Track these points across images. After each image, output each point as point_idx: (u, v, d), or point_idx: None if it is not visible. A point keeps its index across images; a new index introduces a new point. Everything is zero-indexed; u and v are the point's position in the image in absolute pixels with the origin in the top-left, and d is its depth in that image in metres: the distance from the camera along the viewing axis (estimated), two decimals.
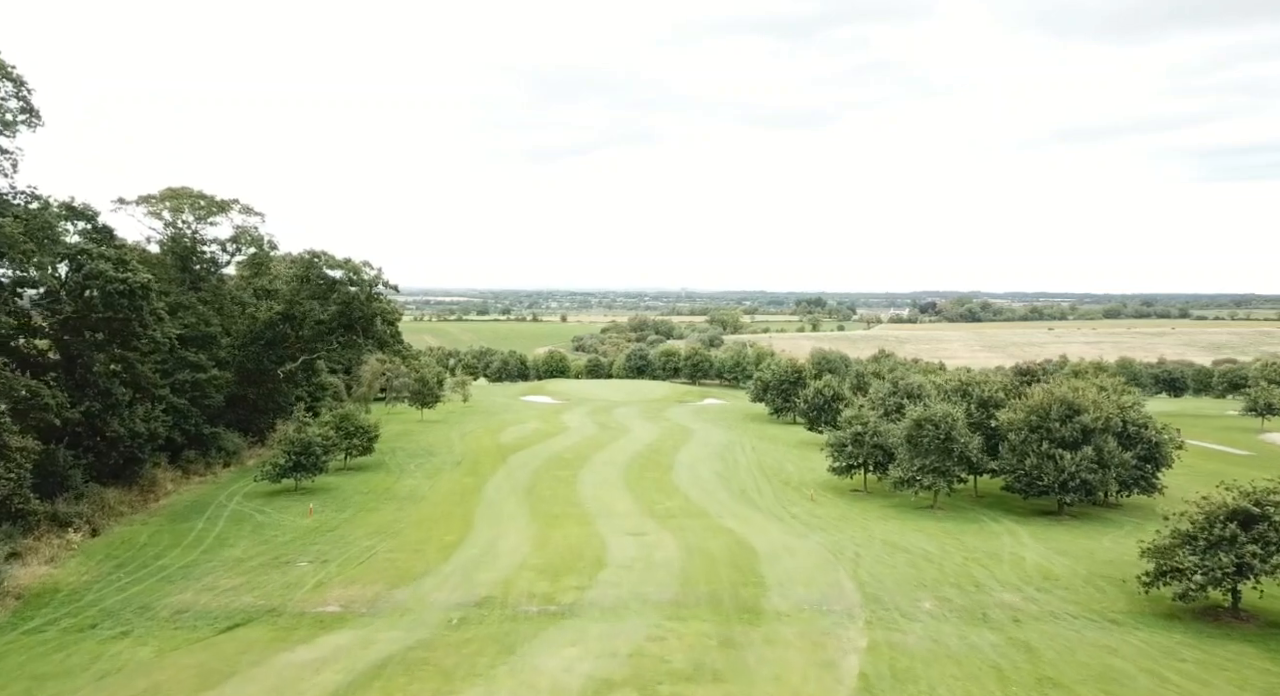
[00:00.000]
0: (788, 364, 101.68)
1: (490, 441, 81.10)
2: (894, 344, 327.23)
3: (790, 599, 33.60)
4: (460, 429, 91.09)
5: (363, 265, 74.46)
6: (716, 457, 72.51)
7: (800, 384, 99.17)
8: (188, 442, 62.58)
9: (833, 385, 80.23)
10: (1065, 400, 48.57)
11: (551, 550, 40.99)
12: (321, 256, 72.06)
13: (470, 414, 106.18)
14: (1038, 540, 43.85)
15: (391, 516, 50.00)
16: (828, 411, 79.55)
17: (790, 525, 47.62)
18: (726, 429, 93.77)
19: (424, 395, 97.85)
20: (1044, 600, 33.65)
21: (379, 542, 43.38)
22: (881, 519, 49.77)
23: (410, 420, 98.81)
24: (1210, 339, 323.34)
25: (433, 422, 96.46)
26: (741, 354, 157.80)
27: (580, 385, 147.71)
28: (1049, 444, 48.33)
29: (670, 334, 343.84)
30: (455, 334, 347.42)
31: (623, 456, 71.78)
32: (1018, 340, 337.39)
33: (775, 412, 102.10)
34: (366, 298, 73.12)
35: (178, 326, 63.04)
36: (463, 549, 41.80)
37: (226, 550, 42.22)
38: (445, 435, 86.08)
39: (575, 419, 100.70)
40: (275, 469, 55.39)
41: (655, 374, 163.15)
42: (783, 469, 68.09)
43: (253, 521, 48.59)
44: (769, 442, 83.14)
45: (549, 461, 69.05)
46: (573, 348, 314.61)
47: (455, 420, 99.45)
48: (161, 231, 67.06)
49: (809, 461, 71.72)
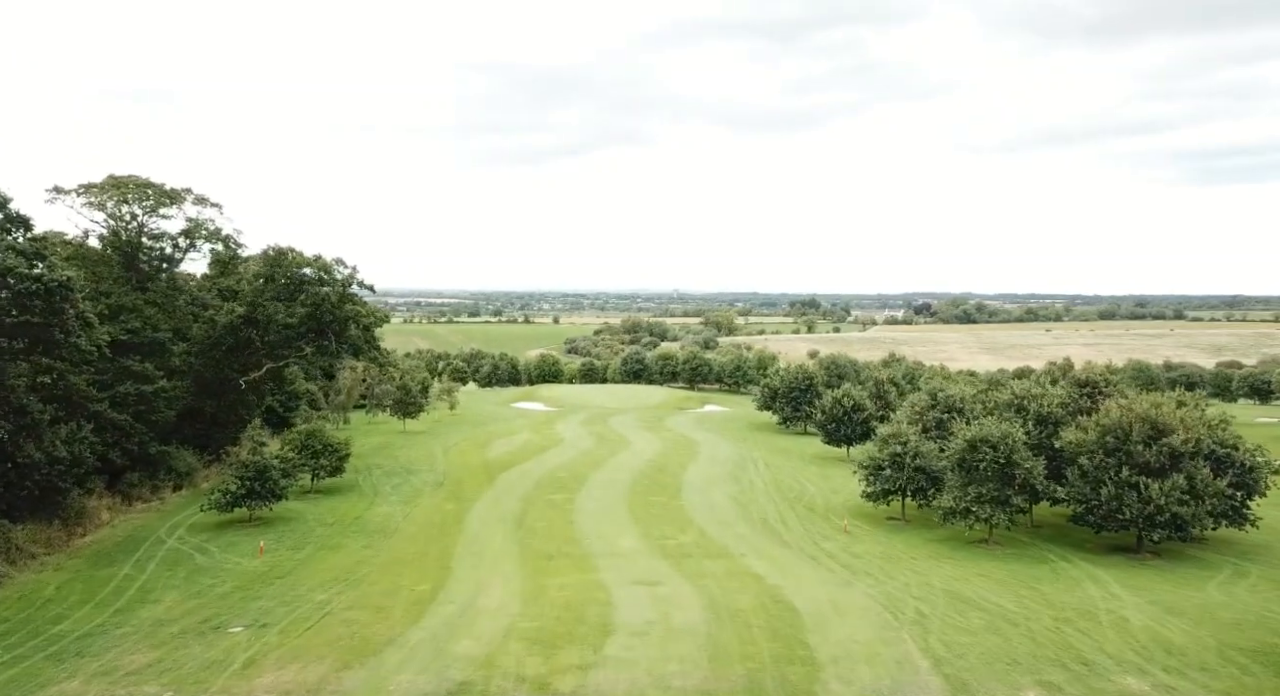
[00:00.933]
0: (797, 370, 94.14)
1: (477, 457, 73.23)
2: (891, 346, 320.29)
3: (853, 685, 25.90)
4: (445, 441, 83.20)
5: (334, 263, 66.52)
6: (728, 477, 64.83)
7: (812, 391, 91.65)
8: (131, 464, 54.62)
9: (852, 395, 72.69)
10: (1148, 418, 41.08)
11: (546, 608, 33.22)
12: (288, 253, 64.06)
13: (457, 424, 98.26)
14: (1131, 590, 36.27)
15: (356, 556, 42.13)
16: (847, 423, 72.01)
17: (828, 567, 39.97)
18: (734, 441, 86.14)
19: (406, 405, 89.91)
20: (1179, 688, 26.06)
21: (336, 595, 35.54)
22: (933, 558, 42.17)
23: (392, 431, 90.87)
24: (1210, 340, 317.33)
25: (415, 434, 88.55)
26: (741, 358, 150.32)
27: (574, 391, 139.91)
28: (1129, 470, 40.83)
29: (664, 336, 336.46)
30: (445, 336, 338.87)
31: (624, 475, 64.02)
32: (1016, 342, 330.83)
33: (784, 422, 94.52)
34: (339, 299, 65.17)
35: (119, 331, 55.08)
36: (437, 605, 34.01)
37: (148, 607, 34.33)
38: (428, 449, 78.16)
39: (570, 429, 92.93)
40: (225, 497, 47.49)
41: (652, 378, 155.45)
42: (804, 491, 60.44)
43: (190, 564, 40.65)
44: (782, 457, 75.52)
45: (542, 482, 61.26)
46: (565, 350, 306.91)
47: (441, 431, 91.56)
48: (103, 224, 59.04)
49: (831, 481, 64.12)
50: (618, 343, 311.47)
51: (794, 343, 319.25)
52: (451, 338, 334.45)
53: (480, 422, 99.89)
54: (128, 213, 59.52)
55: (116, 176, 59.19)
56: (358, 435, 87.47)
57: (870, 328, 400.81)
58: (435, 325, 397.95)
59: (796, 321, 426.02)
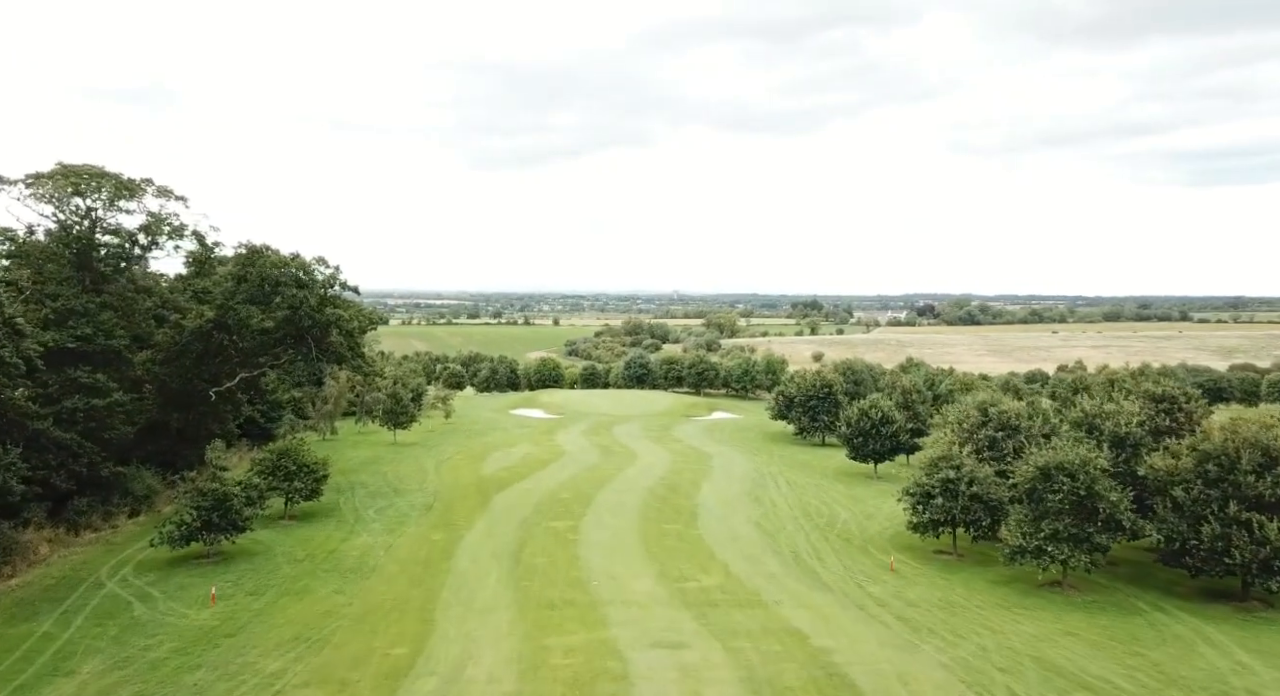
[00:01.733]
0: (814, 377, 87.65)
1: (471, 473, 66.72)
2: (897, 348, 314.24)
3: None
4: (438, 454, 76.73)
5: (315, 262, 60.09)
6: (748, 497, 58.36)
7: (830, 400, 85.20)
8: (78, 488, 48.14)
9: (880, 405, 66.24)
10: (1259, 443, 34.64)
11: (546, 685, 26.77)
12: (263, 252, 57.56)
13: (451, 434, 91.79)
14: (1261, 658, 29.76)
15: (325, 604, 35.64)
16: (875, 437, 65.56)
17: (883, 621, 33.49)
18: (749, 453, 79.69)
19: (397, 415, 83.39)
20: None
21: (295, 661, 29.06)
22: (1003, 607, 35.70)
23: (382, 443, 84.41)
24: (1219, 342, 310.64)
25: (407, 446, 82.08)
26: (750, 362, 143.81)
27: (576, 396, 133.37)
28: (1237, 504, 34.41)
29: (666, 338, 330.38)
30: (444, 338, 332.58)
31: (633, 497, 57.55)
32: (1024, 344, 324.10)
33: (801, 433, 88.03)
34: (319, 302, 58.70)
35: (66, 338, 48.67)
36: (414, 677, 27.53)
37: (59, 681, 27.83)
38: (418, 464, 71.68)
39: (572, 439, 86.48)
40: (178, 530, 40.98)
41: (656, 383, 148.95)
42: (834, 516, 53.97)
43: (126, 617, 34.15)
44: (804, 473, 69.03)
45: (542, 505, 54.80)
46: (565, 352, 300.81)
47: (434, 442, 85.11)
48: (52, 218, 52.52)
49: (862, 503, 57.66)
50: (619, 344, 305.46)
51: (797, 345, 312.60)
52: (450, 340, 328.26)
53: (477, 432, 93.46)
54: (81, 205, 53.00)
55: (68, 165, 52.68)
56: (344, 447, 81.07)
57: (874, 329, 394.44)
58: (434, 327, 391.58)
59: (799, 323, 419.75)
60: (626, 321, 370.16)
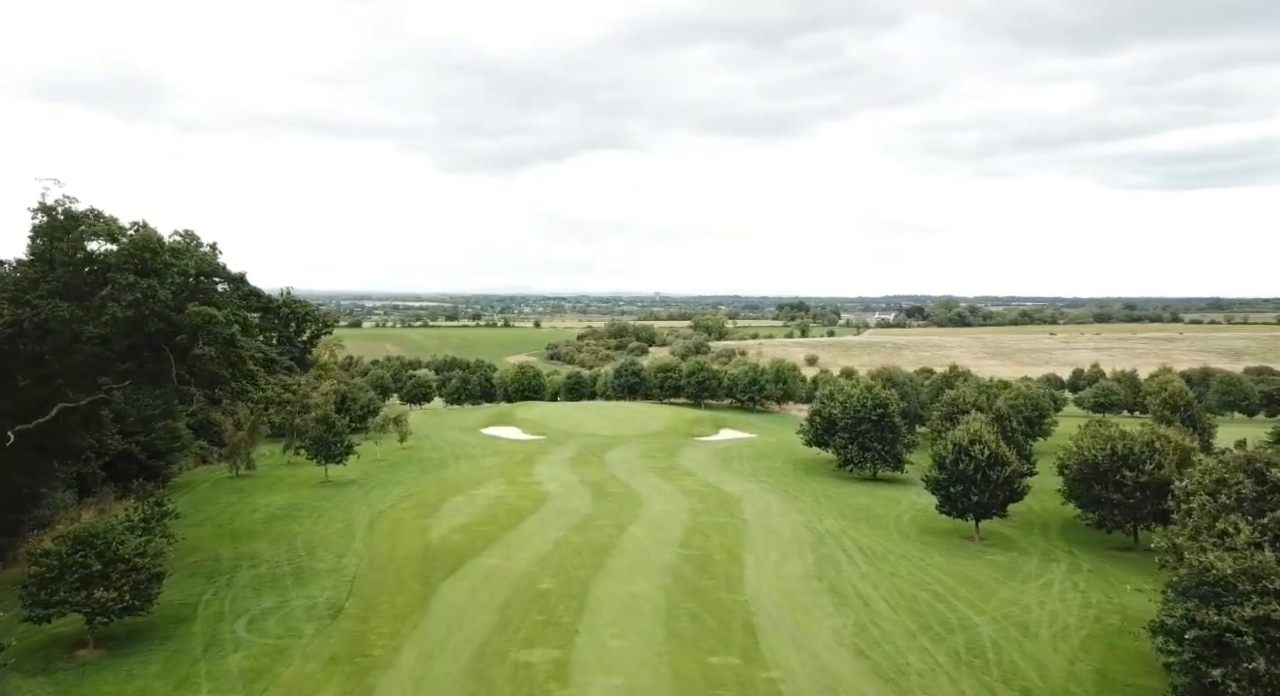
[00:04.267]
0: (863, 393, 68.05)
1: (414, 537, 46.51)
2: (892, 350, 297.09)
3: None
4: (377, 500, 56.55)
5: (172, 239, 39.86)
6: (819, 584, 38.54)
7: (886, 423, 65.73)
8: None
9: (985, 437, 46.77)
10: None
11: None
12: (81, 220, 37.05)
13: (404, 465, 71.61)
14: None
15: None
16: (983, 485, 45.99)
17: None
18: (785, 494, 60.10)
19: (328, 445, 63.05)
20: None
21: None
22: None
23: (310, 481, 64.04)
24: (1225, 344, 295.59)
25: (340, 486, 61.80)
26: (757, 369, 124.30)
27: (559, 411, 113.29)
28: None
29: (652, 340, 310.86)
30: (419, 341, 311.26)
31: (648, 587, 37.59)
32: (1024, 346, 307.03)
33: (847, 465, 68.31)
34: (176, 296, 38.37)
35: None
36: None
37: None
38: (346, 518, 51.45)
39: (555, 472, 66.58)
40: None
41: (650, 392, 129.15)
42: (966, 624, 34.18)
43: None
44: (875, 531, 49.36)
45: (511, 608, 34.78)
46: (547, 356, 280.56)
47: (378, 478, 64.92)
48: None
49: (995, 595, 37.98)
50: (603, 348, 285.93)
51: (789, 347, 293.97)
52: (426, 343, 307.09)
53: (436, 462, 73.36)
54: None
55: None
56: (257, 489, 60.67)
57: (864, 331, 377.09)
58: (409, 330, 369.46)
59: (787, 324, 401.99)
60: (610, 323, 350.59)
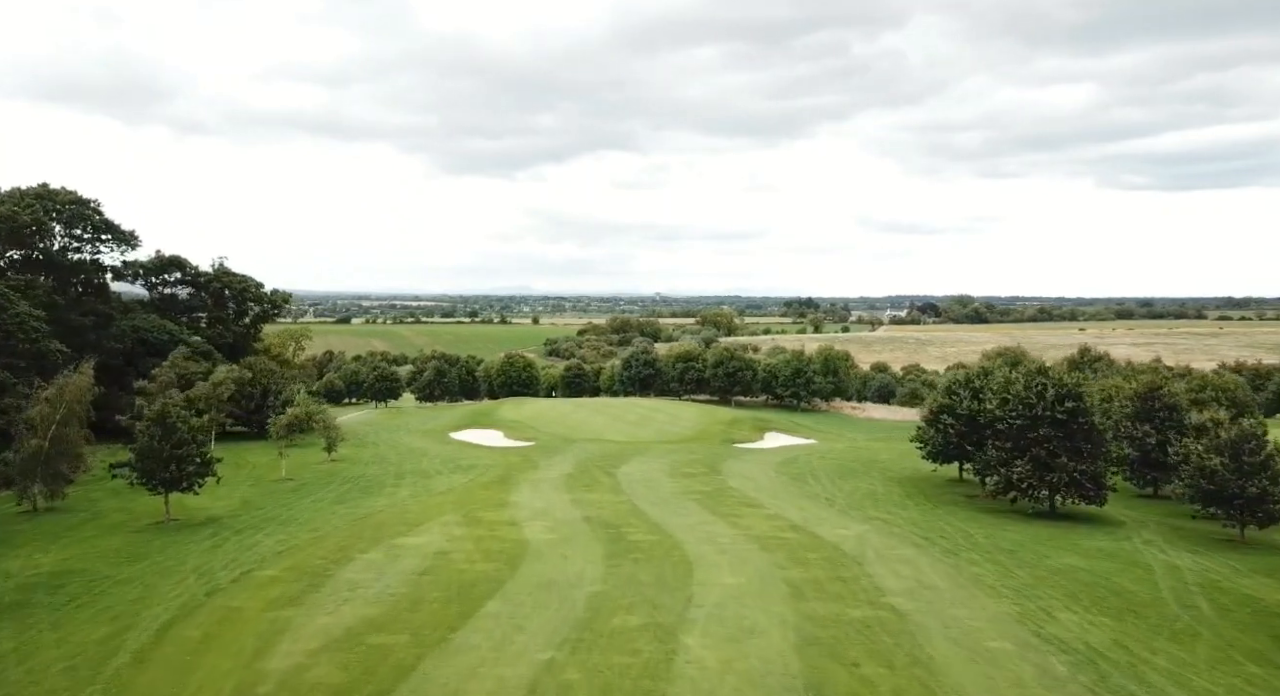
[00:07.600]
0: (1029, 379, 42.10)
1: (225, 681, 20.62)
2: (916, 346, 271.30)
3: None
4: (220, 566, 30.69)
5: None
6: None
7: (1077, 425, 39.85)
8: None
9: None
10: None
11: None
12: None
13: (313, 491, 45.90)
14: None
15: None
16: None
17: None
18: (931, 547, 34.31)
19: (164, 463, 37.16)
20: None
21: None
22: None
23: (143, 520, 38.29)
24: (1270, 340, 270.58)
25: (187, 530, 36.02)
26: (801, 358, 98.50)
27: (554, 409, 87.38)
28: None
29: (658, 336, 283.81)
30: (408, 338, 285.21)
31: None
32: (1055, 342, 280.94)
33: (1009, 492, 42.35)
34: None
35: None
36: None
37: None
38: (117, 617, 25.54)
39: (544, 504, 40.83)
40: None
41: (666, 387, 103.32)
42: None
43: None
44: (1153, 633, 23.79)
45: None
46: (545, 352, 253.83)
47: (254, 518, 39.21)
48: None
49: None
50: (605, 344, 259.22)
51: (803, 342, 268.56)
52: (415, 339, 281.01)
53: (367, 484, 47.71)
54: None
55: None
56: (28, 541, 34.89)
57: (879, 327, 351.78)
58: (398, 326, 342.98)
59: (797, 321, 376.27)
60: (613, 319, 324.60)
